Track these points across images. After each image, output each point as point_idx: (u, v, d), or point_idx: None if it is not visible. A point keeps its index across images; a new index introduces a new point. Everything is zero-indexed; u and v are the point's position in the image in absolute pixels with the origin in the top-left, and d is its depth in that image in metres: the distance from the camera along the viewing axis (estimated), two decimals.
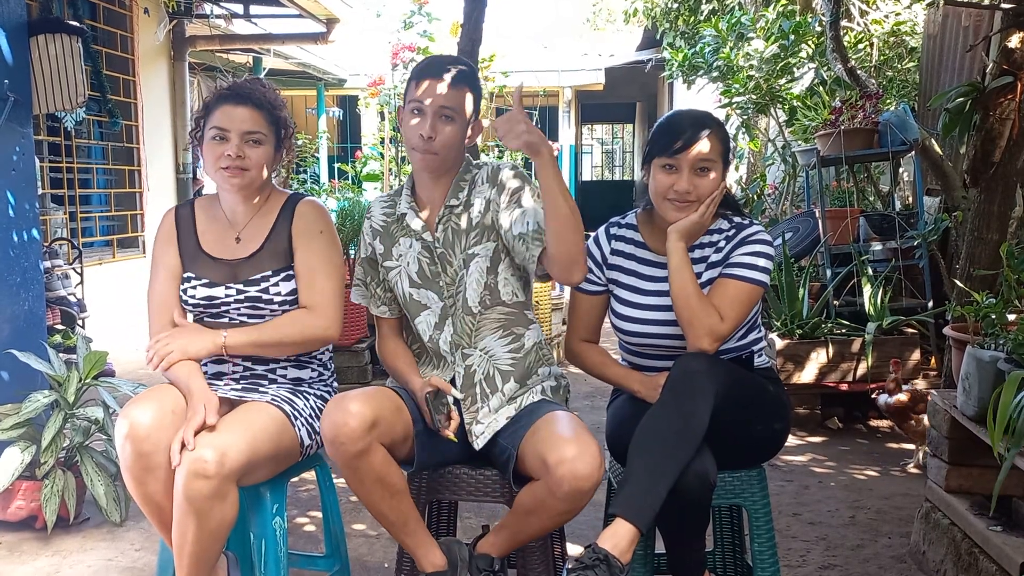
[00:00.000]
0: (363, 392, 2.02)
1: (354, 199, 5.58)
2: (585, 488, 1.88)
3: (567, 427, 1.97)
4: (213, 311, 2.23)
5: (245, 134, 2.18)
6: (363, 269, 2.31)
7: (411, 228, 2.22)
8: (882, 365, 4.40)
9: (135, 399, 2.06)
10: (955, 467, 2.71)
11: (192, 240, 2.28)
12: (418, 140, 2.10)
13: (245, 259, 2.24)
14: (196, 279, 2.23)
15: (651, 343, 2.22)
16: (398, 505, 2.04)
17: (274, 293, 2.21)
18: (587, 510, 3.30)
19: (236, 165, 2.17)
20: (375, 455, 1.96)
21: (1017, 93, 2.93)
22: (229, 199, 2.28)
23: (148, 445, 1.96)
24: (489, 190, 2.17)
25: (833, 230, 4.99)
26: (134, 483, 2.00)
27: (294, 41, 9.51)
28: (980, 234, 3.18)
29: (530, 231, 2.06)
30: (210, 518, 1.92)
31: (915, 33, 6.20)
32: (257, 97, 2.22)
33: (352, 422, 1.91)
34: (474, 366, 2.17)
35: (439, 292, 2.20)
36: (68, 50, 3.94)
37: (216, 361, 2.25)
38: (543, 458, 1.91)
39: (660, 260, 2.21)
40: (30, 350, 3.13)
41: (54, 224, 5.93)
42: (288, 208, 2.28)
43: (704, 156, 2.09)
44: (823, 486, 3.65)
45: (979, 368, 2.43)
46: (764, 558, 2.15)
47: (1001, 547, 2.33)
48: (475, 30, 4.08)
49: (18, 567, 2.84)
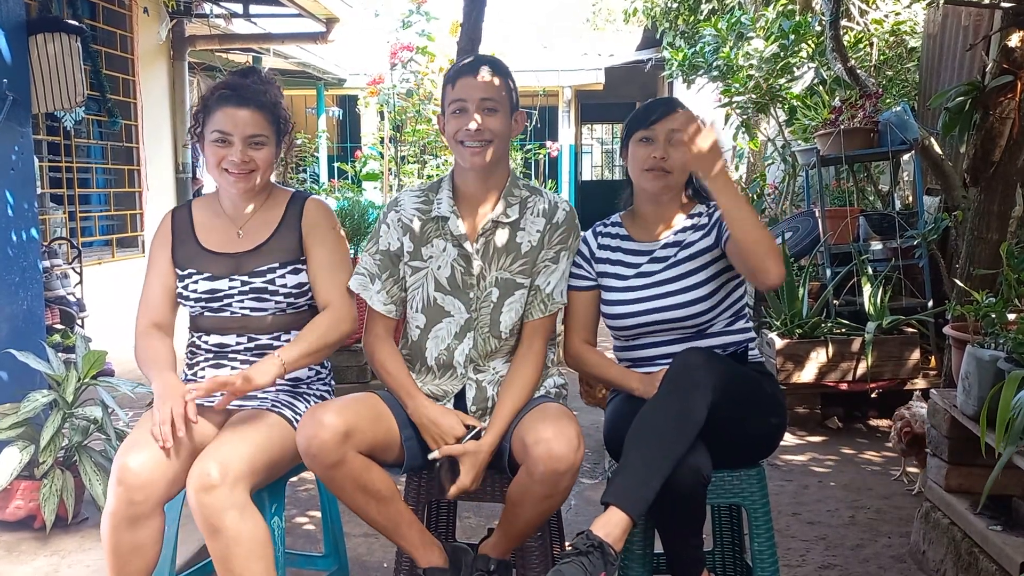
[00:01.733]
0: (340, 402, 2.02)
1: (354, 199, 5.58)
2: (561, 469, 1.89)
3: (548, 412, 2.01)
4: (215, 304, 2.22)
5: (249, 138, 2.17)
6: (377, 262, 2.22)
7: (452, 233, 2.18)
8: (882, 364, 4.41)
9: (134, 440, 2.01)
10: (955, 467, 2.70)
11: (191, 240, 2.27)
12: (466, 134, 2.10)
13: (249, 252, 2.23)
14: (197, 273, 2.23)
15: (641, 324, 2.24)
16: (385, 510, 2.03)
17: (280, 285, 2.21)
18: (588, 510, 3.32)
19: (242, 171, 2.17)
20: (351, 464, 1.95)
21: (1017, 92, 2.92)
22: (230, 196, 2.27)
23: (140, 495, 1.94)
24: (544, 225, 2.19)
25: (833, 229, 4.98)
26: (112, 529, 1.95)
27: (294, 41, 9.51)
28: (980, 233, 3.18)
29: (544, 292, 2.16)
30: (233, 533, 1.90)
31: (915, 33, 6.20)
32: (260, 98, 2.20)
33: (324, 434, 1.91)
34: (485, 382, 2.18)
35: (467, 303, 2.17)
36: (67, 49, 3.94)
37: (214, 365, 2.24)
38: (523, 440, 1.95)
39: (643, 248, 2.29)
40: (29, 349, 3.12)
41: (53, 223, 5.93)
42: (295, 205, 2.29)
43: (677, 129, 2.17)
44: (823, 486, 3.64)
45: (979, 367, 2.43)
46: (764, 558, 2.15)
47: (1001, 547, 2.33)
48: (474, 29, 4.07)
49: (17, 567, 2.83)
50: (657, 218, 2.30)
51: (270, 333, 2.23)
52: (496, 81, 2.14)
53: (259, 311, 2.22)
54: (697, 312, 2.19)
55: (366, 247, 2.26)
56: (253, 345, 2.23)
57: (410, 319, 2.24)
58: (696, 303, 2.18)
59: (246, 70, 2.31)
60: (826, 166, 5.30)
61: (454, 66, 2.22)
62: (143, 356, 2.21)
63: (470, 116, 2.10)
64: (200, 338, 2.27)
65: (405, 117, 6.56)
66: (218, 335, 2.24)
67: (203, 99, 2.24)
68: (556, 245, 2.20)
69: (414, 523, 2.09)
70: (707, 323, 2.21)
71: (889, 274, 4.77)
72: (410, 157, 6.84)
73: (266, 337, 2.23)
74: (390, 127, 6.62)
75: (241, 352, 2.23)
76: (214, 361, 2.24)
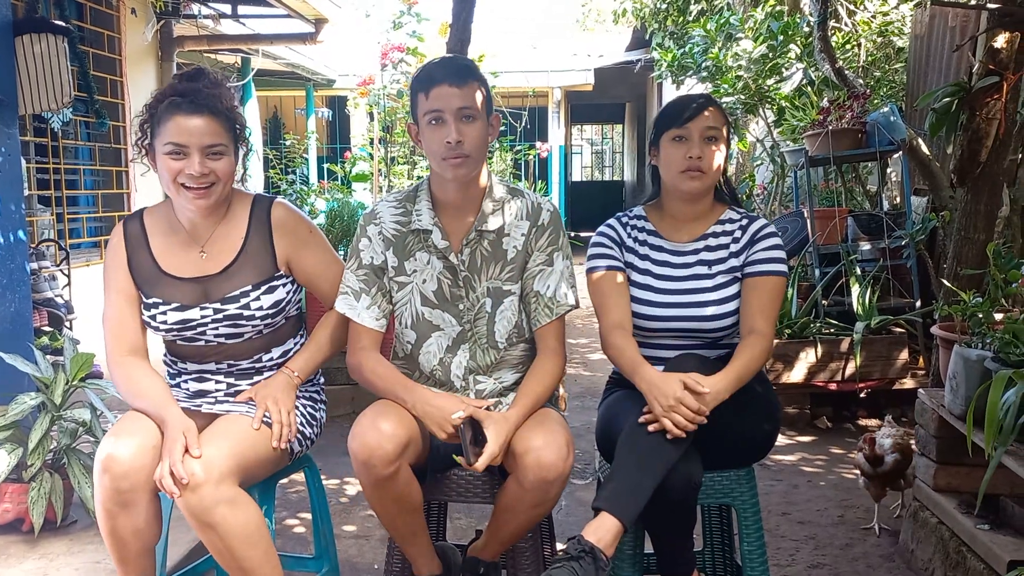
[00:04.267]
0: (393, 408, 1.99)
1: (343, 200, 5.57)
2: (550, 478, 1.89)
3: (539, 420, 2.00)
4: (188, 333, 2.12)
5: (206, 148, 2.02)
6: (361, 278, 2.14)
7: (435, 246, 2.12)
8: (871, 364, 4.43)
9: (117, 429, 1.99)
10: (943, 466, 2.72)
11: (148, 261, 2.13)
12: (445, 148, 2.01)
13: (216, 275, 2.11)
14: (164, 303, 2.10)
15: (665, 329, 2.22)
16: (410, 520, 2.04)
17: (255, 308, 2.11)
18: (579, 511, 3.32)
19: (201, 185, 2.02)
20: (402, 476, 1.95)
21: (1003, 93, 2.94)
22: (187, 211, 2.11)
23: (126, 483, 1.92)
24: (529, 228, 2.14)
25: (821, 230, 5.01)
26: (105, 516, 1.95)
27: (283, 42, 9.47)
28: (967, 233, 3.19)
29: (546, 297, 2.11)
30: (228, 525, 1.89)
31: (903, 33, 6.23)
32: (213, 104, 2.04)
33: (388, 445, 1.89)
34: (486, 391, 2.16)
35: (457, 316, 2.13)
36: (54, 50, 3.92)
37: (197, 379, 2.20)
38: (513, 449, 1.94)
39: (674, 248, 2.26)
40: (17, 352, 3.10)
41: (41, 225, 5.90)
42: (259, 213, 2.15)
43: (711, 125, 2.16)
44: (812, 485, 3.66)
45: (966, 367, 2.44)
46: (753, 557, 2.16)
47: (989, 545, 2.34)
48: (463, 31, 4.08)
49: (5, 570, 2.82)
50: (688, 218, 2.28)
51: (250, 357, 2.18)
52: (470, 87, 2.04)
53: (235, 337, 2.13)
54: (724, 325, 2.19)
55: (348, 264, 2.17)
56: (234, 370, 2.18)
57: (400, 334, 2.19)
58: (725, 317, 2.19)
59: (194, 72, 2.13)
60: (814, 167, 5.32)
61: (424, 71, 2.09)
62: (128, 390, 2.10)
63: (449, 128, 2.01)
64: (176, 364, 2.22)
65: (395, 118, 6.54)
66: (195, 363, 2.17)
67: (148, 107, 2.06)
68: (547, 248, 2.15)
69: (425, 533, 2.11)
70: (728, 335, 2.22)
71: (877, 274, 4.79)
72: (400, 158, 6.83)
73: (246, 362, 2.18)
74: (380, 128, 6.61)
75: (222, 375, 2.18)
76: (196, 376, 2.20)
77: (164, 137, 2.01)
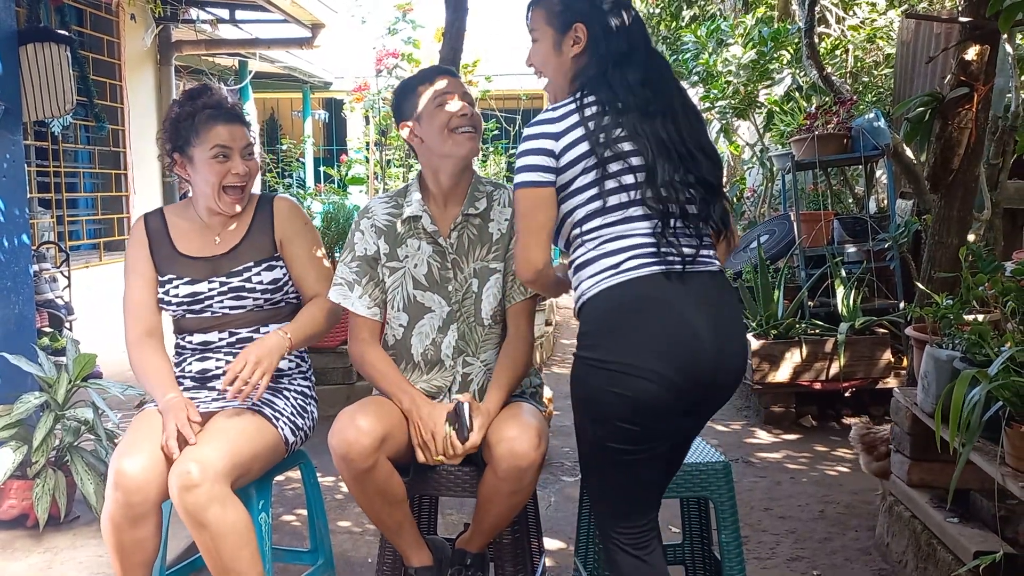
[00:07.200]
0: (372, 405, 2.09)
1: (339, 202, 5.65)
2: (523, 466, 1.99)
3: (515, 412, 2.10)
4: (196, 307, 2.31)
5: (243, 149, 2.30)
6: (354, 269, 2.25)
7: (425, 231, 2.24)
8: (855, 364, 4.53)
9: (129, 443, 2.10)
10: (916, 462, 2.81)
11: (167, 245, 2.36)
12: (460, 119, 2.17)
13: (225, 254, 2.34)
14: (177, 278, 2.32)
15: None
16: (394, 512, 2.13)
17: (256, 282, 2.32)
18: (567, 506, 3.41)
19: (242, 183, 2.30)
20: (381, 470, 2.03)
21: (974, 103, 3.03)
22: (219, 212, 2.35)
23: (138, 496, 2.01)
24: (512, 214, 2.24)
25: (808, 233, 5.11)
26: (112, 529, 2.05)
27: (280, 46, 9.56)
28: (940, 238, 3.28)
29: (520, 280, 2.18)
30: (218, 525, 1.99)
31: (891, 39, 6.33)
32: (240, 113, 2.35)
33: (364, 440, 1.98)
34: (472, 375, 2.24)
35: (447, 297, 2.24)
36: (57, 58, 4.01)
37: (200, 357, 2.33)
38: (488, 440, 2.05)
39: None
40: (20, 353, 3.19)
41: (41, 228, 5.99)
42: (264, 206, 2.41)
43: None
44: (795, 482, 3.75)
45: (937, 367, 2.53)
46: (731, 549, 2.22)
47: (956, 537, 2.44)
48: (456, 39, 4.16)
49: (11, 563, 2.91)
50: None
51: (250, 326, 2.34)
52: (458, 78, 2.28)
53: (238, 308, 2.32)
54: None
55: (341, 257, 2.30)
56: (235, 339, 2.33)
57: (392, 319, 2.29)
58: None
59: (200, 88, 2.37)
60: (801, 171, 5.42)
61: (413, 78, 2.30)
62: (141, 370, 2.29)
63: (458, 102, 2.19)
64: (184, 338, 2.36)
65: (391, 122, 6.64)
66: (201, 333, 2.33)
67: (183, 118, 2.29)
68: None
69: (413, 525, 2.19)
70: None
71: (862, 276, 4.89)
72: (395, 161, 6.93)
73: (246, 331, 2.33)
74: (375, 132, 6.71)
75: (224, 347, 2.33)
76: (200, 355, 2.34)
77: (210, 142, 2.27)
